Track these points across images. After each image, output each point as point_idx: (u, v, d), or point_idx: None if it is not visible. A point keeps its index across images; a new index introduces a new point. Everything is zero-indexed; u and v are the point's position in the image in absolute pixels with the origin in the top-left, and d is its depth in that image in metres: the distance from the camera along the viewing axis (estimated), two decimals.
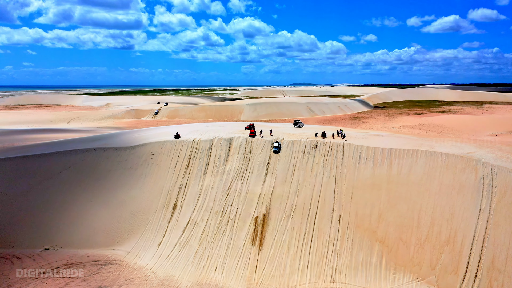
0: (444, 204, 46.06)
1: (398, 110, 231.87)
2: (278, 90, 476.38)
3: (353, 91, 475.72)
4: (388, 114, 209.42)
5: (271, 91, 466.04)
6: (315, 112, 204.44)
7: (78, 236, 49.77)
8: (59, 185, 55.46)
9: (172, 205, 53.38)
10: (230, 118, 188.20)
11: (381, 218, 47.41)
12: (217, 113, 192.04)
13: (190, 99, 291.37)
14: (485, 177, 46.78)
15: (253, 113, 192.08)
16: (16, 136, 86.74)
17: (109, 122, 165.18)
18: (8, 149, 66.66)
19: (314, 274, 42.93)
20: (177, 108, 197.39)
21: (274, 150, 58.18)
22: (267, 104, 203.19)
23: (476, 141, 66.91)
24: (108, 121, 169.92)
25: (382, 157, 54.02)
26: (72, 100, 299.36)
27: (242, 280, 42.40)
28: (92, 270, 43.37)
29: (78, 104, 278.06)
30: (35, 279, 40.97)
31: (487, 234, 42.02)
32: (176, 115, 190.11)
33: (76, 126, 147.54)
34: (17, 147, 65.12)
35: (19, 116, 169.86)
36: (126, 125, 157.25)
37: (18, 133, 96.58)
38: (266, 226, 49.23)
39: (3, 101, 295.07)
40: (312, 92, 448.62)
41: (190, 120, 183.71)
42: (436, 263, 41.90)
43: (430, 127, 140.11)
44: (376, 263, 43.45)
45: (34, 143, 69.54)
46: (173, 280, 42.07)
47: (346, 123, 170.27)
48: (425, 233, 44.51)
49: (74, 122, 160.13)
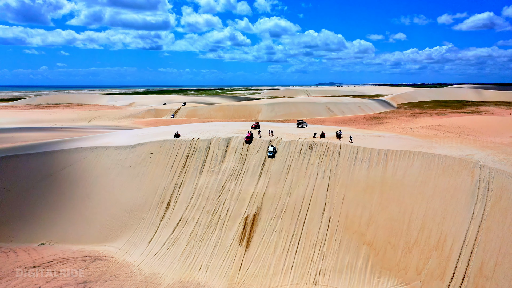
0: (437, 208, 44.70)
1: (421, 110, 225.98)
2: (301, 90, 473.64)
3: (379, 90, 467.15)
4: (410, 114, 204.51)
5: (295, 91, 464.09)
6: (334, 112, 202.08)
7: (73, 232, 51.26)
8: (60, 182, 57.27)
9: (166, 204, 54.15)
10: (248, 117, 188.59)
11: (371, 221, 46.47)
12: (235, 113, 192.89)
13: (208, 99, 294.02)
14: (482, 180, 45.12)
15: (271, 113, 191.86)
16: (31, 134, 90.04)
17: (128, 121, 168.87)
18: (18, 147, 69.32)
19: (297, 275, 42.57)
20: (195, 108, 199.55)
21: (269, 155, 57.60)
22: (285, 104, 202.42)
23: (484, 142, 64.39)
24: (127, 120, 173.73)
25: (378, 159, 52.96)
26: (98, 100, 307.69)
27: (225, 279, 42.55)
28: (81, 265, 44.57)
29: (103, 104, 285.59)
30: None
31: (477, 239, 40.50)
32: (195, 115, 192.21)
33: (95, 124, 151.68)
34: (26, 146, 67.56)
35: (43, 115, 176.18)
36: (144, 124, 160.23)
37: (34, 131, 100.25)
38: (255, 226, 49.17)
39: (34, 100, 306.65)
40: (336, 92, 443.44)
41: (208, 119, 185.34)
42: (422, 268, 40.71)
43: (450, 128, 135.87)
44: (361, 266, 42.63)
45: (44, 141, 71.98)
46: (157, 277, 42.69)
47: (364, 123, 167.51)
48: (415, 237, 43.31)
49: (95, 121, 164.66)
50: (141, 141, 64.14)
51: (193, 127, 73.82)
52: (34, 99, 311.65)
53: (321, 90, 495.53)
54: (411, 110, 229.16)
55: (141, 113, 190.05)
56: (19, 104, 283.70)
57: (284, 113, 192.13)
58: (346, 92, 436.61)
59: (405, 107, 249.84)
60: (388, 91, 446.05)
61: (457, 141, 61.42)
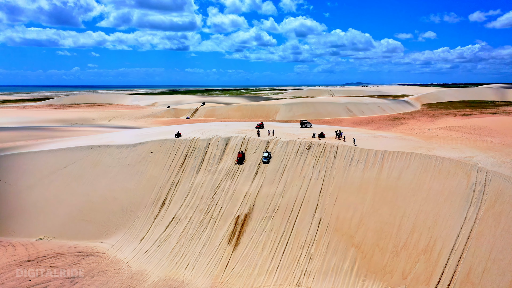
0: (429, 211, 43.42)
1: (445, 111, 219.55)
2: (325, 90, 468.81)
3: (405, 90, 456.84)
4: (433, 115, 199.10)
5: (319, 91, 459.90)
6: (353, 113, 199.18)
7: (70, 228, 52.72)
8: (62, 179, 59.05)
9: (161, 202, 54.90)
10: (265, 117, 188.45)
11: (362, 223, 45.60)
12: (253, 113, 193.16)
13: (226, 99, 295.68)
14: (478, 183, 43.55)
15: (288, 113, 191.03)
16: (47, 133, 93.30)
17: (147, 121, 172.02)
18: (30, 144, 71.93)
19: (282, 276, 42.27)
20: (214, 108, 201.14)
21: (263, 161, 56.89)
22: (304, 104, 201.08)
23: (491, 144, 61.94)
24: (147, 119, 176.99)
25: (375, 160, 51.95)
26: (123, 100, 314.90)
27: (209, 278, 42.74)
28: (73, 260, 45.81)
29: (127, 103, 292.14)
30: (19, 266, 44.03)
31: (468, 244, 39.09)
32: (213, 115, 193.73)
33: (115, 124, 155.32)
34: (36, 143, 70.03)
35: (66, 114, 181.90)
36: (162, 123, 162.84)
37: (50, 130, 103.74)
38: (246, 226, 49.16)
39: (62, 100, 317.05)
40: (360, 92, 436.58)
41: (226, 119, 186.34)
42: (409, 272, 39.61)
43: (470, 129, 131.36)
44: (347, 268, 41.90)
45: (55, 139, 74.36)
46: (143, 274, 43.34)
47: (382, 124, 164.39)
48: (404, 240, 42.21)
49: (115, 120, 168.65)
50: (142, 140, 65.30)
51: (196, 126, 74.54)
52: (62, 99, 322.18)
53: (346, 90, 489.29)
54: (434, 110, 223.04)
55: (160, 113, 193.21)
56: (48, 104, 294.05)
57: (302, 113, 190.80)
58: (370, 92, 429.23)
59: (429, 108, 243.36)
60: (415, 91, 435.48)
61: (462, 143, 59.40)
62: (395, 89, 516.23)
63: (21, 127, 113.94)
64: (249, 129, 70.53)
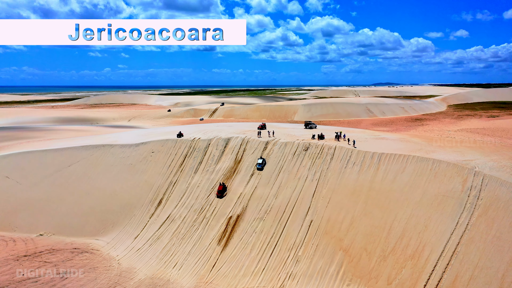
0: (421, 215, 42.18)
1: (472, 112, 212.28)
2: (350, 90, 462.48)
3: (434, 91, 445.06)
4: (457, 116, 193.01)
5: (343, 91, 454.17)
6: (374, 113, 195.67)
7: (70, 225, 54.21)
8: (66, 177, 60.83)
9: (158, 201, 55.69)
10: (283, 118, 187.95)
11: (352, 226, 44.78)
12: (271, 113, 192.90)
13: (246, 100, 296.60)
14: (473, 187, 41.99)
15: (307, 114, 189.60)
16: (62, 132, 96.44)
17: (166, 121, 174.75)
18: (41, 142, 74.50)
19: (266, 278, 42.03)
20: (232, 108, 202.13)
21: (258, 168, 56.13)
22: (323, 104, 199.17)
23: (498, 146, 59.28)
24: (166, 119, 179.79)
25: (371, 162, 50.93)
26: (147, 100, 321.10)
27: (195, 277, 43.00)
28: (67, 256, 47.11)
29: (151, 104, 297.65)
30: (16, 261, 45.68)
31: (457, 250, 37.74)
32: (232, 115, 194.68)
33: (134, 123, 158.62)
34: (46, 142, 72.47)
35: (87, 114, 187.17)
36: (180, 123, 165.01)
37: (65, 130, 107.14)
38: (237, 226, 49.18)
39: (89, 100, 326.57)
40: (386, 93, 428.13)
41: (244, 119, 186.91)
42: (394, 278, 38.58)
43: (492, 131, 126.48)
44: (333, 272, 41.22)
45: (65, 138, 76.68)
46: (132, 272, 44.07)
47: (402, 125, 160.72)
48: (392, 245, 41.16)
49: (134, 120, 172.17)
50: (145, 140, 66.44)
51: (199, 127, 75.22)
52: (89, 99, 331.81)
53: (371, 90, 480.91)
54: (460, 111, 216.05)
55: (180, 113, 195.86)
56: (75, 104, 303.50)
57: (321, 114, 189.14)
58: (396, 93, 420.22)
59: (454, 109, 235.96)
60: (444, 91, 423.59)
61: (466, 145, 57.28)
62: (424, 89, 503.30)
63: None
64: (251, 129, 70.56)
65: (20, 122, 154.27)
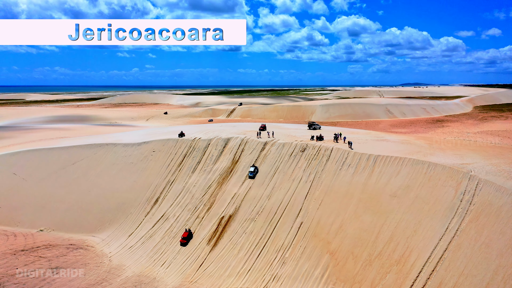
0: (411, 220, 41.07)
1: (498, 113, 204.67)
2: (374, 91, 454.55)
3: (463, 91, 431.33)
4: (481, 118, 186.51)
5: (367, 92, 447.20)
6: (394, 114, 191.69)
7: (69, 222, 55.67)
8: (69, 174, 62.49)
9: (154, 200, 56.42)
10: (301, 118, 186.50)
11: (341, 229, 44.04)
12: (289, 114, 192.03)
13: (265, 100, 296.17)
14: (467, 192, 40.58)
15: (325, 114, 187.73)
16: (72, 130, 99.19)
17: (183, 120, 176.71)
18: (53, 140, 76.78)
19: (251, 279, 41.87)
20: (250, 108, 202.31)
21: (249, 176, 55.06)
22: (341, 105, 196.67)
23: (505, 149, 56.90)
24: (183, 119, 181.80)
25: (366, 164, 49.97)
26: (169, 99, 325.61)
27: (180, 276, 43.31)
28: (62, 252, 48.40)
29: (172, 103, 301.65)
30: (13, 255, 47.28)
31: (443, 257, 36.53)
32: (249, 115, 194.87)
33: (151, 123, 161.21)
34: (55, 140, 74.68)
35: (108, 113, 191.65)
36: (197, 123, 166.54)
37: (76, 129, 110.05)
38: (228, 227, 49.24)
39: (113, 99, 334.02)
40: (412, 93, 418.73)
41: (261, 119, 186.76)
42: (378, 283, 37.68)
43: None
44: (318, 275, 40.64)
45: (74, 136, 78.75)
46: (121, 269, 44.83)
47: (421, 126, 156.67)
48: (379, 249, 40.22)
49: (152, 120, 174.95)
50: (148, 139, 67.43)
51: (202, 127, 75.67)
52: (114, 99, 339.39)
53: (397, 91, 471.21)
54: (485, 113, 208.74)
55: (198, 113, 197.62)
56: (100, 103, 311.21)
57: (339, 115, 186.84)
58: (423, 93, 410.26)
59: (480, 110, 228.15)
60: (473, 92, 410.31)
61: (469, 148, 55.31)
62: (453, 90, 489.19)
63: None
64: (252, 130, 70.48)
65: (19, 122, 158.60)
